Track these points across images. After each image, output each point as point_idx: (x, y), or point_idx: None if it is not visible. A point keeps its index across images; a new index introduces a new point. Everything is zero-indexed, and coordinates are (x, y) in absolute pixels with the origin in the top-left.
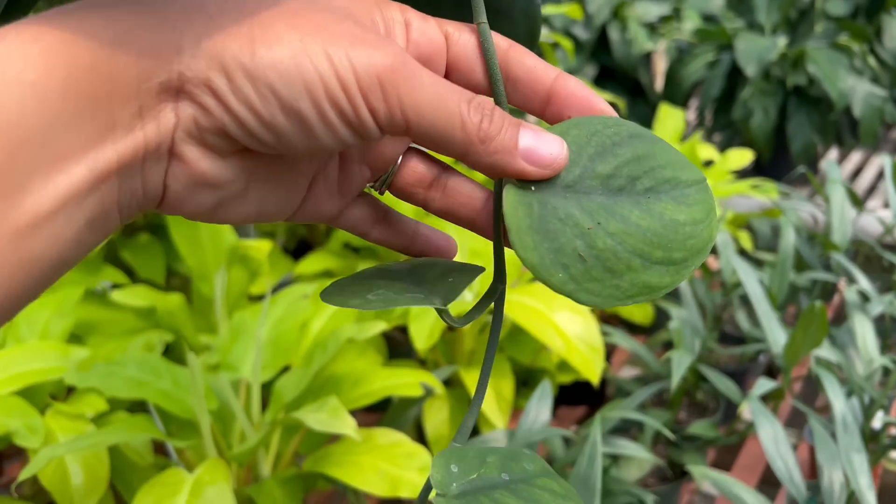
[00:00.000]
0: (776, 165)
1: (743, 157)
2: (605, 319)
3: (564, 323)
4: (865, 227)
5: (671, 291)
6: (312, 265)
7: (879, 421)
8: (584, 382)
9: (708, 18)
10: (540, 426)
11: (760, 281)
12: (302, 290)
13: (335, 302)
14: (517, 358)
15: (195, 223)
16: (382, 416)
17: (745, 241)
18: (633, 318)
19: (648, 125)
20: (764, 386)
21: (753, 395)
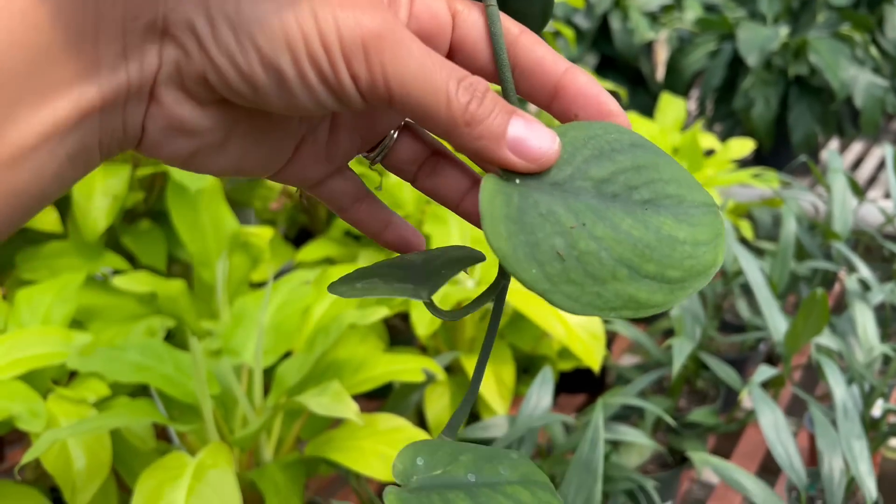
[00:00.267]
0: (777, 155)
1: (744, 146)
2: None
3: None
4: (866, 216)
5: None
6: (313, 252)
7: (879, 409)
8: (584, 370)
9: (709, 8)
10: (541, 412)
11: (761, 269)
12: (303, 276)
13: (330, 288)
14: (518, 345)
15: (197, 209)
16: (384, 402)
17: (745, 230)
18: None
19: (649, 114)
20: (765, 373)
21: (754, 381)
